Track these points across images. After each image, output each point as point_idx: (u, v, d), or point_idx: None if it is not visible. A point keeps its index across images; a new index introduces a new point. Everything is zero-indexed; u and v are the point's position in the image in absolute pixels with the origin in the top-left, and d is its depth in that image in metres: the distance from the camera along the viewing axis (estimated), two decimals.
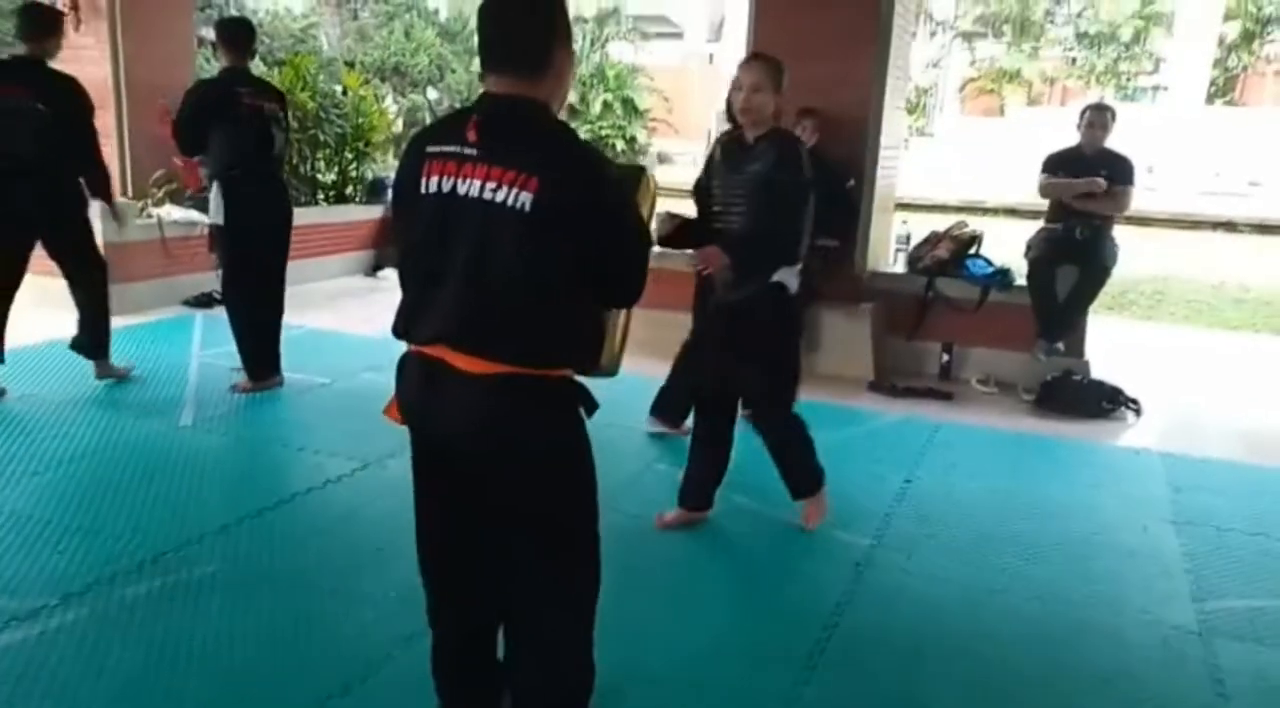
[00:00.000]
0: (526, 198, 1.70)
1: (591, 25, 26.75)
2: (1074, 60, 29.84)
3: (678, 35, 34.81)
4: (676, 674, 2.63)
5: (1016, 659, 2.81)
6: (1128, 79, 29.23)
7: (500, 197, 1.71)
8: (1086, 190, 5.41)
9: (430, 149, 1.81)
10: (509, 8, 1.83)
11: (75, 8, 6.74)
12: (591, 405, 1.94)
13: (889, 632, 2.92)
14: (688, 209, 3.43)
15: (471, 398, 1.79)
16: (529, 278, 1.75)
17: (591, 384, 1.96)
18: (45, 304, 6.41)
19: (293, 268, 5.16)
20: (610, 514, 3.56)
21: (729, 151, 3.30)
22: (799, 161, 3.18)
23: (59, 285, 5.83)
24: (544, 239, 1.73)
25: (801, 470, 3.54)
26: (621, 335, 2.15)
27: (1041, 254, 5.57)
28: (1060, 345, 5.55)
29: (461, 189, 1.75)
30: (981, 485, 4.20)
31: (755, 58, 3.31)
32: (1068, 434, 4.97)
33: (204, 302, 6.84)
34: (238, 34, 4.89)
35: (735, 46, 19.06)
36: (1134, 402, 5.37)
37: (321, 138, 8.89)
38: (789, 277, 3.26)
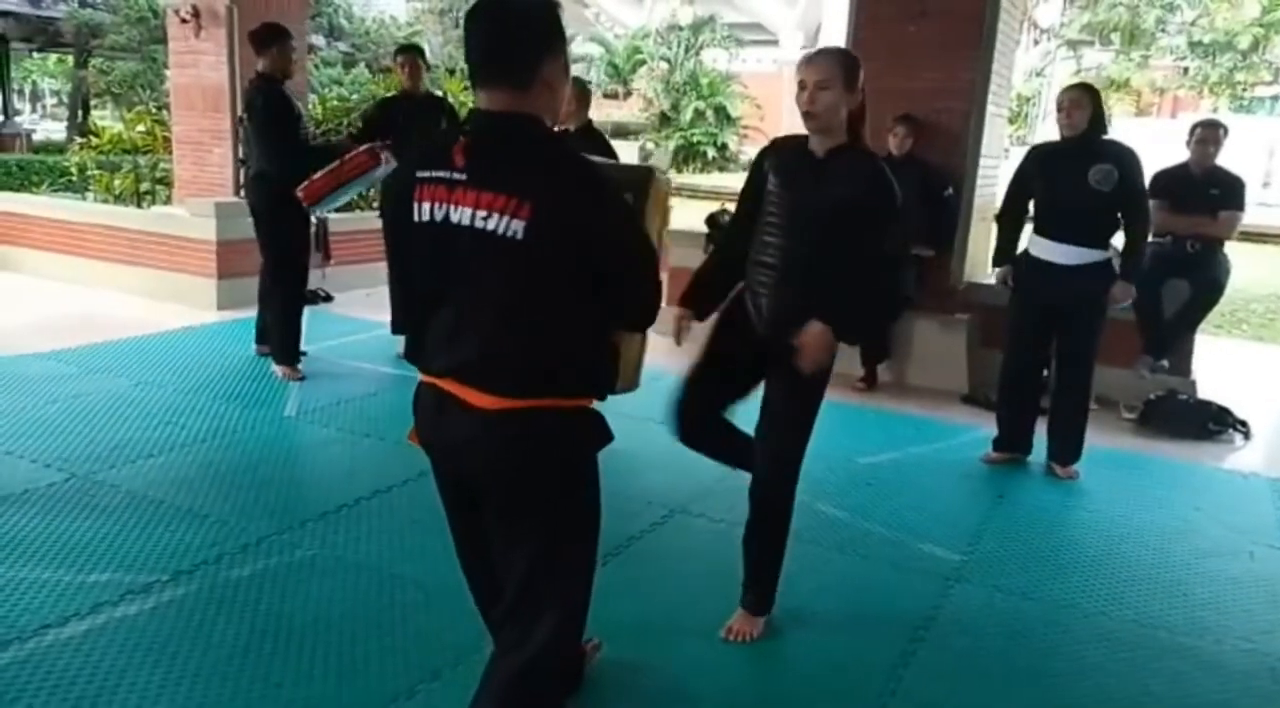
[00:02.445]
0: (519, 226, 1.63)
1: (686, 33, 26.84)
2: (1186, 70, 28.71)
3: (773, 42, 34.65)
4: (758, 682, 2.64)
5: (1108, 686, 2.73)
6: (1244, 89, 27.98)
7: (492, 225, 1.65)
8: (1197, 230, 5.23)
9: (420, 174, 1.74)
10: (494, 19, 1.73)
11: (196, 15, 7.09)
12: (604, 438, 1.90)
13: (976, 650, 2.87)
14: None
15: (477, 431, 1.77)
16: (528, 309, 1.71)
17: (669, 390, 1.98)
18: (167, 297, 6.77)
19: None
20: (690, 519, 3.63)
21: (788, 164, 2.72)
22: (891, 188, 2.61)
23: (181, 280, 6.16)
24: (540, 267, 1.67)
25: (775, 572, 2.89)
26: (639, 350, 2.08)
27: (1149, 268, 5.39)
28: (1165, 363, 5.36)
29: (454, 217, 1.68)
30: (1077, 504, 4.09)
31: (821, 51, 2.73)
32: (1170, 455, 4.80)
33: (310, 298, 7.09)
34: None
35: None
36: (1242, 423, 5.15)
37: None
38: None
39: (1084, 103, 4.04)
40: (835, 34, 16.57)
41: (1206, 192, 5.25)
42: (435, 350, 1.80)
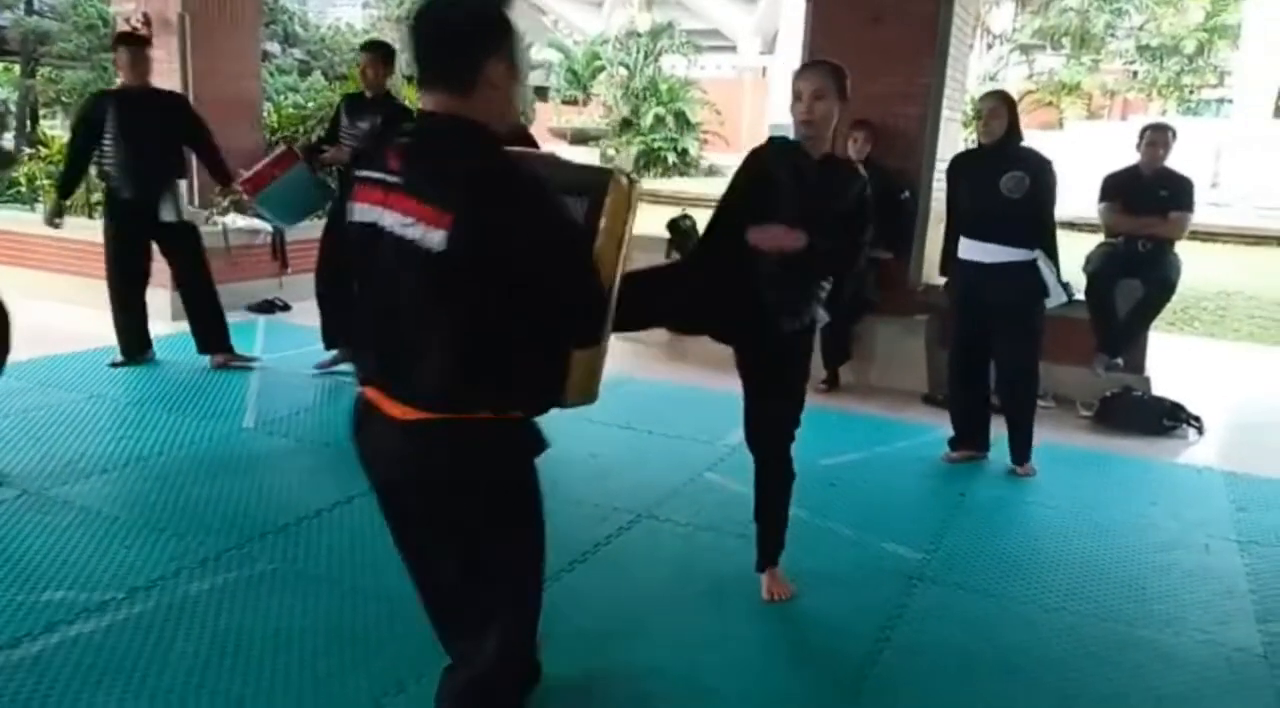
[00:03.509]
0: (438, 237, 1.58)
1: (645, 39, 26.92)
2: (1135, 73, 29.30)
3: (731, 49, 34.87)
4: (725, 685, 2.64)
5: (1071, 679, 2.77)
6: (1191, 92, 28.62)
7: (413, 234, 1.60)
8: (1148, 231, 5.34)
9: (359, 173, 1.73)
10: (435, 20, 1.69)
11: (148, 24, 6.98)
12: (534, 447, 1.84)
13: (940, 648, 2.89)
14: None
15: (395, 441, 1.74)
16: (447, 321, 1.65)
17: (642, 394, 1.97)
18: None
19: None
20: (657, 523, 3.63)
21: (795, 167, 2.86)
22: (866, 195, 2.85)
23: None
24: (460, 280, 1.61)
25: (782, 528, 3.14)
26: (594, 360, 1.96)
27: (1101, 268, 5.48)
28: (1120, 360, 5.45)
29: (383, 222, 1.66)
30: (1037, 501, 4.14)
31: (813, 64, 2.99)
32: (1126, 451, 4.88)
33: (266, 308, 7.00)
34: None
35: (789, 59, 19.03)
36: (1196, 419, 5.26)
37: None
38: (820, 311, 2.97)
39: (1001, 112, 4.16)
40: (792, 40, 16.70)
41: (1157, 193, 5.34)
42: (364, 358, 1.80)
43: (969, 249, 4.31)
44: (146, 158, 5.14)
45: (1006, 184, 4.09)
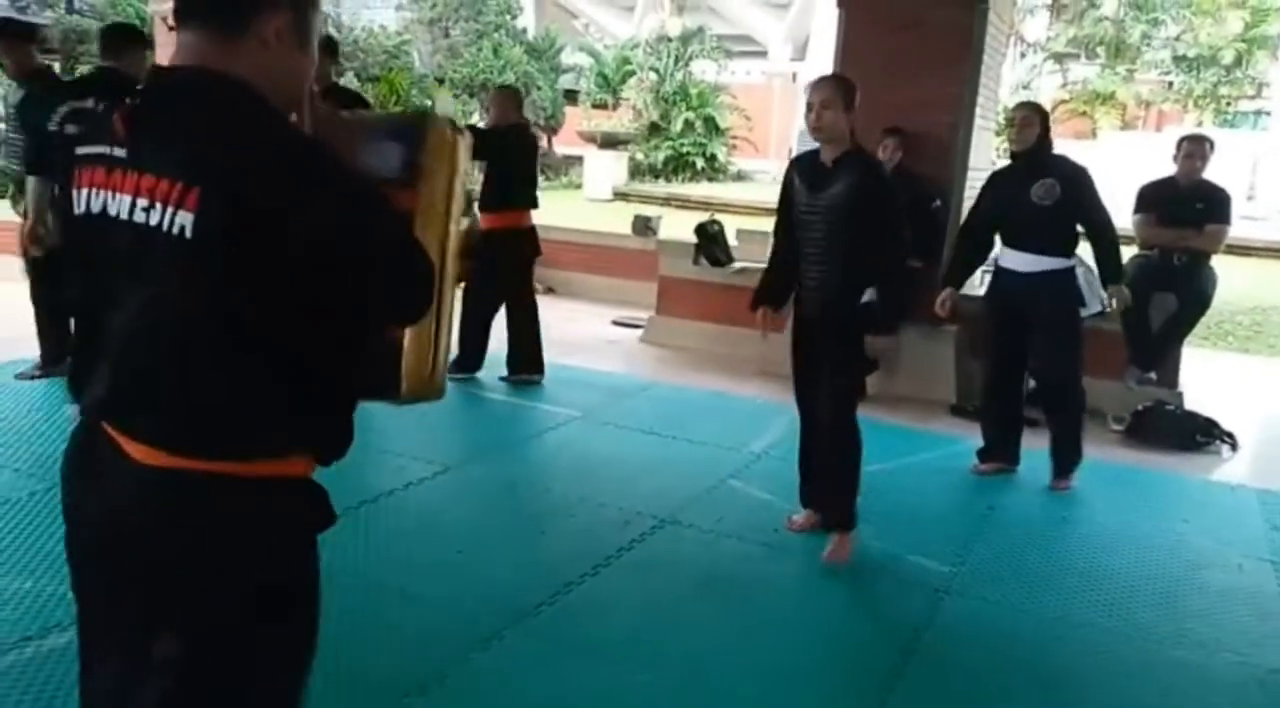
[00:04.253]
0: (186, 218, 1.19)
1: (675, 44, 26.94)
2: (1171, 84, 28.97)
3: (762, 54, 34.81)
4: (749, 696, 2.62)
5: (1098, 698, 2.73)
6: (1228, 104, 28.24)
7: (154, 219, 1.21)
8: (1183, 243, 5.25)
9: (79, 151, 1.31)
10: None
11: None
12: (321, 517, 1.39)
13: (966, 662, 2.86)
14: (759, 225, 3.60)
15: (125, 492, 1.28)
16: (201, 330, 1.25)
17: (666, 400, 1.93)
18: None
19: None
20: (680, 529, 3.62)
21: (807, 173, 3.37)
22: (880, 179, 3.29)
23: None
24: (216, 274, 1.23)
25: (855, 490, 3.47)
26: (431, 346, 1.53)
27: (1135, 281, 5.40)
28: (1153, 374, 5.38)
29: (112, 208, 1.25)
30: (1066, 516, 4.09)
31: (823, 78, 3.45)
32: (1158, 466, 4.81)
33: None
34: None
35: (821, 65, 18.99)
36: (1229, 435, 5.17)
37: None
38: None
39: (1033, 121, 4.18)
40: (824, 46, 16.65)
41: (1193, 205, 5.28)
42: (94, 382, 1.33)
43: (1006, 257, 4.30)
44: None
45: (1037, 191, 4.08)
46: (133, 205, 1.23)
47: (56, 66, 20.02)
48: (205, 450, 1.26)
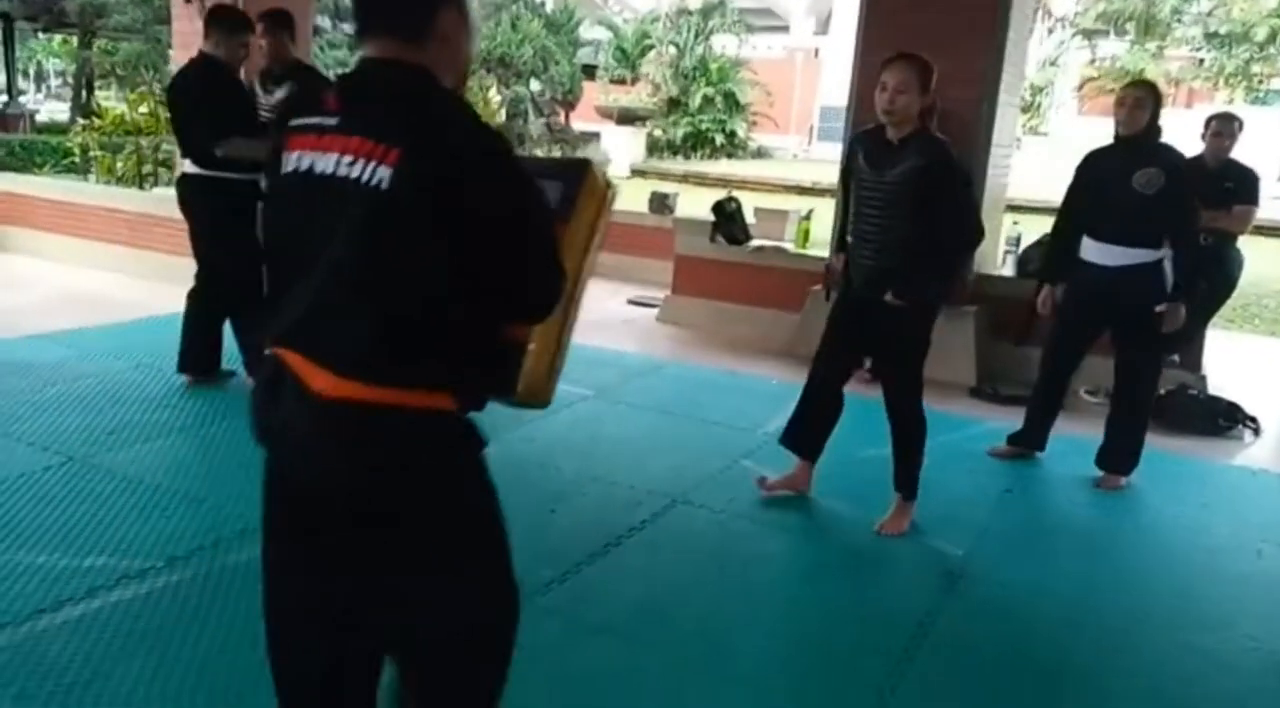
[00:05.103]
0: (385, 173, 1.39)
1: (696, 18, 26.69)
2: (1201, 61, 28.48)
3: (783, 29, 34.47)
4: (760, 676, 2.60)
5: (1115, 683, 2.69)
6: (1260, 81, 27.74)
7: (356, 172, 1.41)
8: (1210, 224, 5.14)
9: (292, 122, 1.54)
10: None
11: None
12: (475, 443, 1.59)
13: (979, 646, 2.83)
14: (777, 202, 3.56)
15: (312, 423, 1.49)
16: (388, 272, 1.44)
17: (680, 379, 1.91)
18: (170, 280, 6.73)
19: None
20: (692, 509, 3.59)
21: (872, 149, 3.31)
22: (949, 162, 3.21)
23: (182, 262, 6.05)
24: (405, 225, 1.42)
25: (919, 464, 3.56)
26: (551, 356, 1.74)
27: None
28: (1176, 357, 5.30)
29: (320, 166, 1.46)
30: (1085, 500, 4.04)
31: (900, 58, 3.23)
32: (1180, 451, 4.74)
33: None
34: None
35: (843, 40, 18.77)
36: (1253, 420, 5.10)
37: None
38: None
39: (1146, 103, 3.88)
40: (847, 20, 16.45)
41: (1221, 185, 5.17)
42: (282, 314, 1.53)
43: (1092, 251, 4.02)
44: None
45: (1140, 180, 3.81)
46: (338, 161, 1.44)
47: (74, 41, 20.06)
48: (374, 377, 1.45)
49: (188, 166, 4.55)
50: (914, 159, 3.16)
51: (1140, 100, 3.88)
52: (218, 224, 4.50)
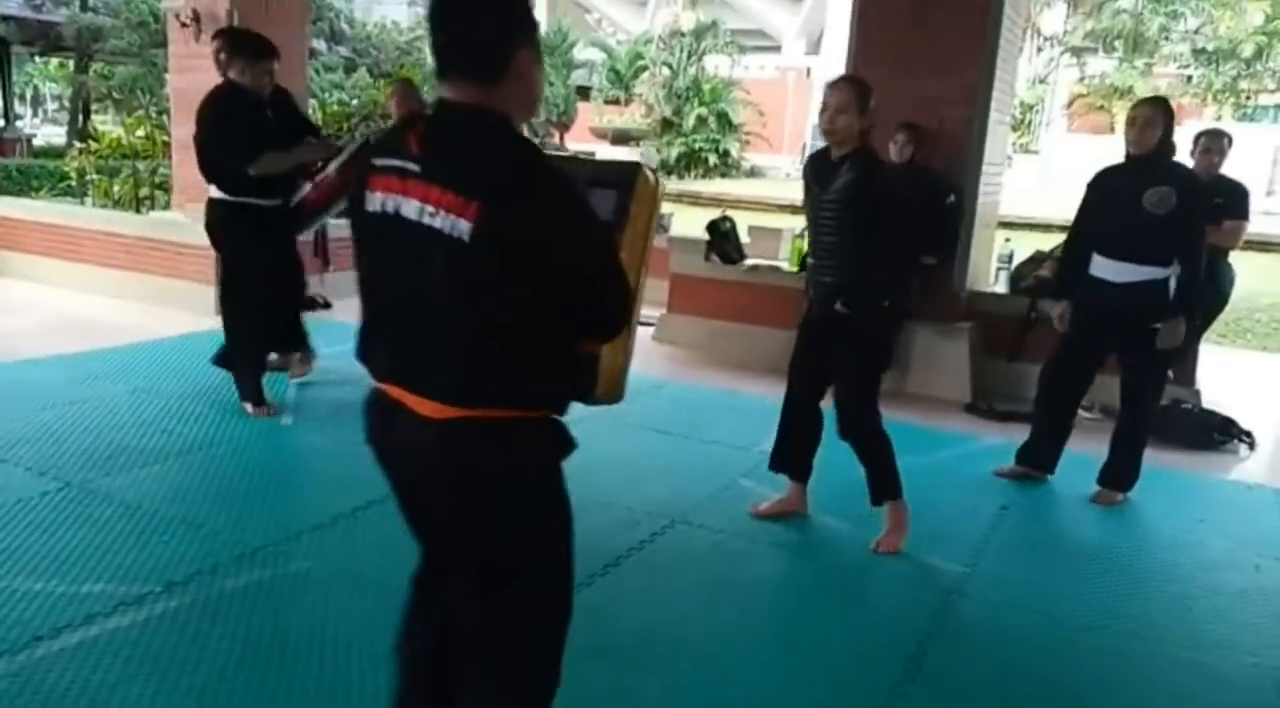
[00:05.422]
0: (465, 227, 1.51)
1: (689, 39, 26.86)
2: (1190, 77, 28.71)
3: (775, 49, 34.69)
4: (759, 697, 2.60)
5: (1111, 701, 2.70)
6: (1248, 97, 27.97)
7: (438, 223, 1.53)
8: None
9: (376, 162, 1.66)
10: (463, 7, 1.63)
11: (196, 19, 7.07)
12: (564, 447, 1.78)
13: (978, 665, 2.83)
14: (771, 221, 3.60)
15: (421, 442, 1.67)
16: (473, 313, 1.58)
17: (677, 399, 1.94)
18: (167, 304, 6.74)
19: None
20: (690, 529, 3.59)
21: (817, 169, 3.43)
22: (873, 180, 3.27)
23: (180, 286, 6.09)
24: (486, 273, 1.55)
25: (890, 470, 3.55)
26: (622, 359, 1.95)
27: None
28: (1170, 372, 5.31)
29: (405, 211, 1.58)
30: (1081, 516, 4.05)
31: (842, 80, 3.44)
32: (1174, 465, 4.76)
33: (308, 304, 7.06)
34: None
35: (835, 60, 18.89)
36: (1247, 434, 5.12)
37: None
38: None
39: (1158, 121, 3.84)
40: (838, 40, 16.55)
41: (1210, 201, 5.21)
42: (381, 354, 1.72)
43: (1100, 267, 3.98)
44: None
45: (1150, 199, 3.78)
46: (420, 210, 1.55)
47: (71, 64, 20.09)
48: (470, 403, 1.62)
49: (213, 191, 4.62)
50: (849, 174, 3.25)
51: (1150, 119, 3.85)
52: (242, 248, 4.64)
